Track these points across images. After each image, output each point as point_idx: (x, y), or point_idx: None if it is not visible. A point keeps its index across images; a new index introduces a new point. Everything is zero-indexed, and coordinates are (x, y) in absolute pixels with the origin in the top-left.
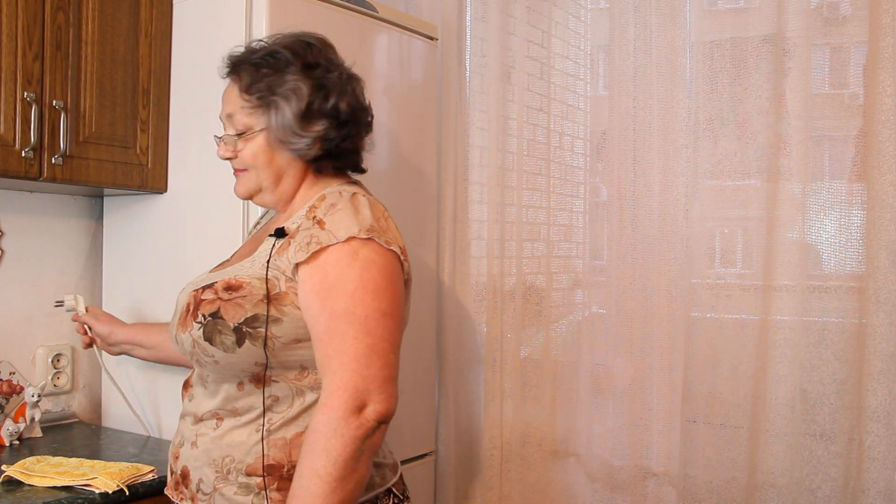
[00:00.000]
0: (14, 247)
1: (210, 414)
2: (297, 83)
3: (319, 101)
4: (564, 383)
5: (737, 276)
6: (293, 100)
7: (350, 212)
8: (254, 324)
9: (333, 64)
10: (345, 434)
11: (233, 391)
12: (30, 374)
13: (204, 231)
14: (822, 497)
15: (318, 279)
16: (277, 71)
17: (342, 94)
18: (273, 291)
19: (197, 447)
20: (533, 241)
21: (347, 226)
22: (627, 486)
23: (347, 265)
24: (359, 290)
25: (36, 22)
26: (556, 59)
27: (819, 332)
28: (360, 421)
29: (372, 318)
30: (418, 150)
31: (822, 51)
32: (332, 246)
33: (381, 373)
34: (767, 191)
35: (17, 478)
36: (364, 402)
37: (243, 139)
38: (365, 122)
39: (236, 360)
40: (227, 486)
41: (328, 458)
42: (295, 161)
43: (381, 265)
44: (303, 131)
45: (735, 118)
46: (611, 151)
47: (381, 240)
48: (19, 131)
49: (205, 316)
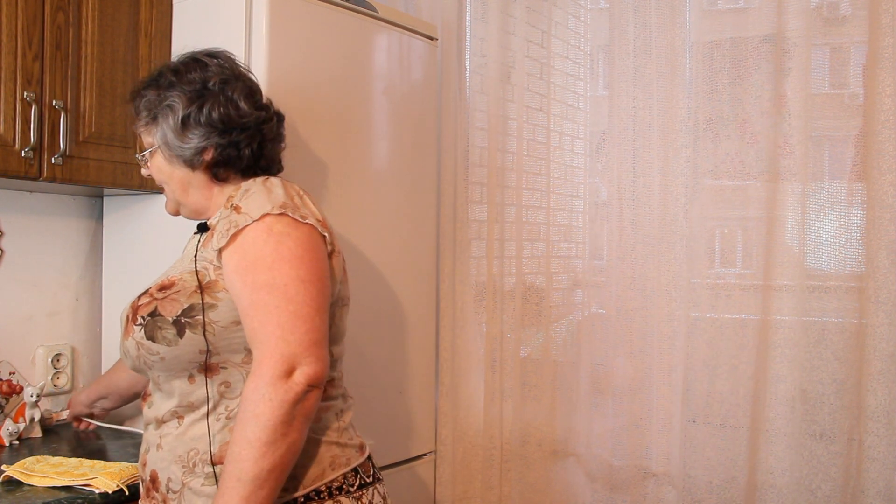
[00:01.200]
0: (14, 247)
1: (170, 414)
2: (172, 99)
3: (195, 112)
4: (564, 383)
5: (737, 276)
6: (169, 115)
7: (262, 192)
8: (191, 313)
9: (212, 74)
10: (273, 398)
11: (185, 386)
12: (29, 374)
13: None
14: (822, 497)
15: (237, 258)
16: (159, 90)
17: (215, 103)
18: (204, 281)
19: (162, 448)
20: (533, 241)
21: (261, 204)
22: (627, 486)
23: (264, 241)
24: (276, 262)
25: (36, 22)
26: (556, 59)
27: (819, 332)
28: (289, 385)
29: (291, 285)
30: (418, 150)
31: (822, 51)
32: (248, 226)
33: (306, 336)
34: (767, 191)
35: (17, 478)
36: (292, 365)
37: (150, 156)
38: (253, 126)
39: (181, 352)
40: (194, 479)
41: (257, 423)
42: (192, 172)
43: (295, 237)
44: (183, 142)
45: (735, 118)
46: (611, 151)
47: (294, 214)
48: (19, 131)
49: (143, 317)
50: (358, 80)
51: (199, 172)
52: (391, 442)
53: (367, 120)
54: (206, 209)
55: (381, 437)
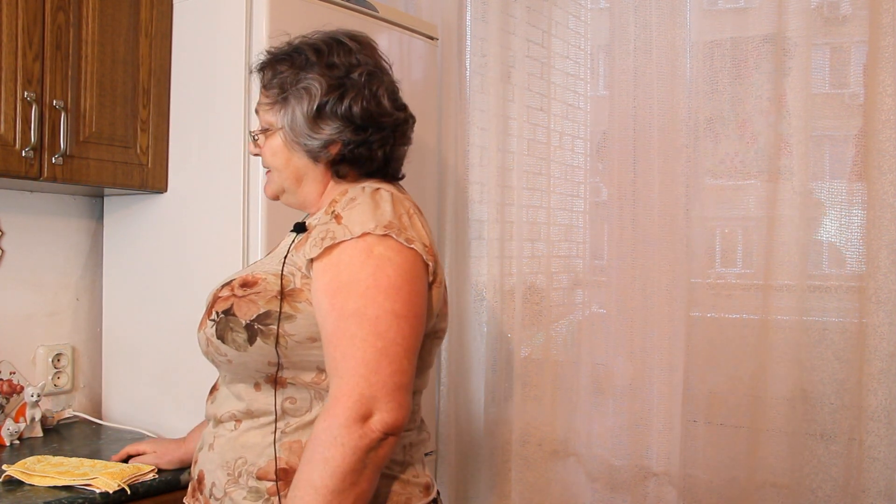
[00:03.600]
0: (14, 246)
1: (228, 416)
2: (311, 82)
3: (333, 102)
4: (564, 383)
5: (737, 276)
6: (305, 99)
7: (369, 206)
8: (266, 321)
9: (358, 64)
10: (346, 444)
11: (249, 392)
12: (30, 374)
13: (204, 231)
14: (823, 497)
15: (329, 276)
16: (296, 68)
17: (358, 96)
18: (287, 287)
19: (213, 449)
20: (533, 240)
21: (363, 221)
22: (627, 486)
23: (361, 263)
24: (371, 290)
25: (36, 22)
26: (557, 58)
27: (819, 331)
28: (364, 431)
29: (384, 319)
30: (418, 150)
31: (823, 50)
32: (346, 242)
33: (390, 379)
34: (767, 190)
35: (18, 477)
36: (370, 410)
37: (264, 136)
38: (390, 127)
39: (249, 359)
40: (237, 491)
41: (326, 468)
42: (312, 164)
43: (397, 263)
44: (313, 132)
45: (735, 118)
46: (611, 151)
47: (399, 237)
48: (19, 131)
49: (218, 313)
50: None
51: (320, 165)
52: None
53: None
54: (314, 204)
55: None
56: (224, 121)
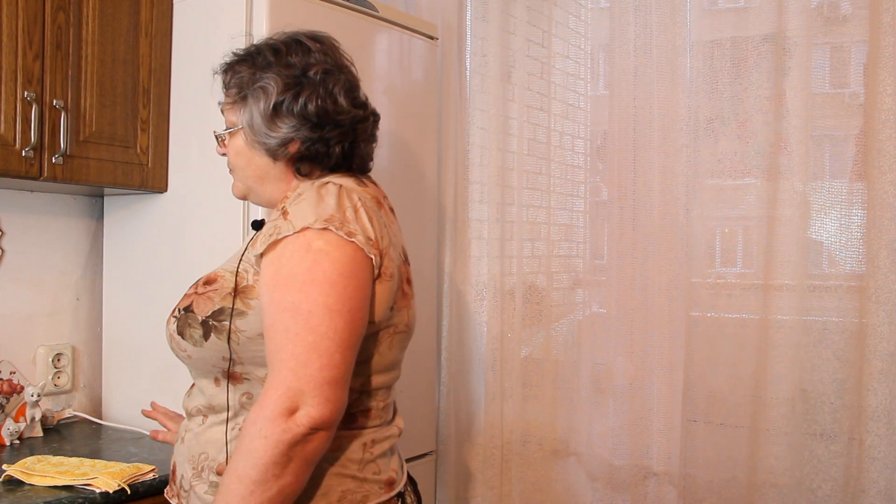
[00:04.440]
0: (14, 246)
1: (196, 410)
2: (267, 81)
3: (289, 101)
4: (565, 383)
5: (737, 276)
6: (261, 98)
7: (312, 201)
8: (219, 317)
9: (315, 62)
10: (268, 436)
11: (210, 387)
12: (30, 374)
13: (204, 230)
14: (823, 496)
15: (272, 270)
16: (254, 69)
17: (312, 95)
18: (241, 284)
19: (184, 443)
20: (533, 240)
21: (305, 215)
22: (628, 486)
23: (300, 258)
24: (306, 284)
25: (36, 21)
26: (557, 58)
27: (819, 331)
28: (288, 425)
29: (316, 314)
30: (418, 150)
31: (823, 50)
32: (288, 237)
33: (319, 374)
34: (768, 190)
35: (18, 477)
36: (296, 404)
37: (228, 135)
38: (348, 124)
39: (206, 355)
40: (200, 484)
41: (249, 459)
42: (273, 162)
43: (334, 258)
44: (270, 131)
45: (735, 117)
46: (611, 151)
47: (340, 231)
48: (20, 131)
49: (180, 310)
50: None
51: (280, 164)
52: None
53: None
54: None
55: None
56: (224, 121)
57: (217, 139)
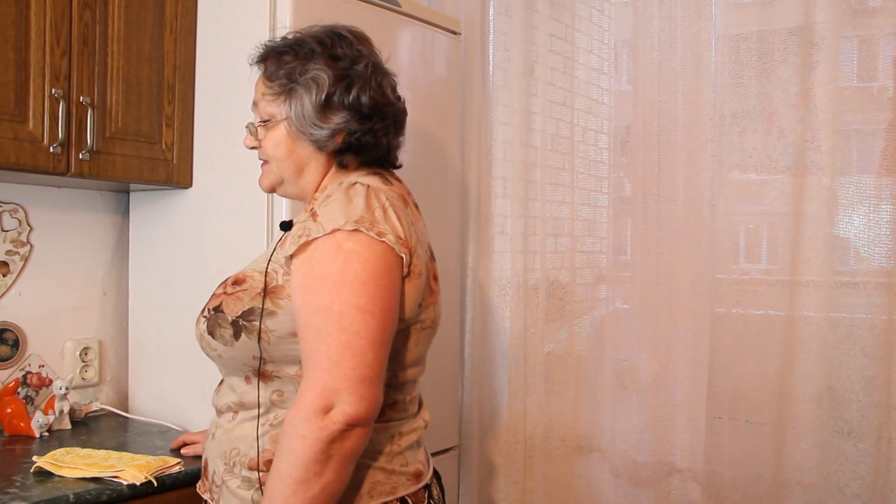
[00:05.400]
0: (43, 241)
1: (226, 406)
2: (318, 73)
3: (340, 93)
4: (588, 378)
5: (762, 272)
6: (313, 89)
7: (341, 202)
8: (249, 317)
9: (361, 56)
10: (306, 436)
11: (241, 385)
12: (58, 367)
13: (228, 225)
14: (850, 495)
15: (303, 272)
16: (301, 60)
17: (365, 87)
18: (271, 284)
19: (214, 439)
20: (556, 235)
21: (334, 217)
22: (651, 482)
23: (331, 259)
24: (337, 285)
25: (63, 19)
26: (580, 53)
27: (847, 328)
28: (324, 423)
29: (348, 314)
30: (442, 146)
31: (851, 43)
32: (319, 238)
33: (352, 372)
34: (794, 185)
35: (48, 469)
36: (331, 402)
37: (265, 128)
38: (392, 116)
39: (236, 354)
40: (232, 479)
41: (289, 459)
42: (316, 153)
43: (365, 258)
44: (321, 122)
45: (761, 112)
46: (635, 146)
47: (370, 231)
48: (47, 127)
49: (210, 310)
50: None
51: (323, 155)
52: None
53: None
54: (312, 194)
55: None
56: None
57: (249, 130)
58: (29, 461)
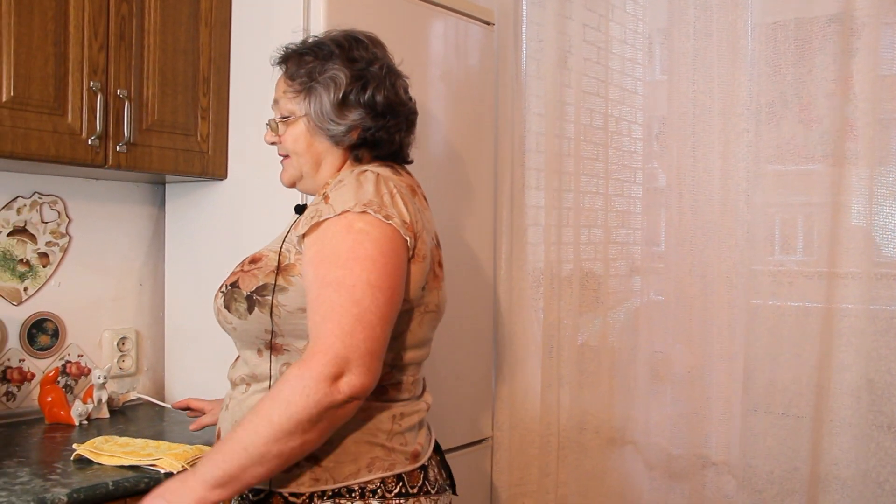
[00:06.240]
0: (81, 232)
1: (240, 379)
2: (336, 72)
3: (357, 91)
4: (622, 370)
5: (799, 263)
6: (331, 87)
7: (352, 186)
8: (262, 292)
9: (376, 58)
10: (310, 395)
11: (254, 358)
12: (97, 357)
13: (262, 217)
14: (890, 490)
15: (315, 249)
16: (320, 60)
17: (379, 87)
18: (284, 263)
19: (228, 410)
20: (590, 227)
21: (345, 199)
22: (686, 475)
23: (342, 237)
24: (349, 261)
25: (101, 13)
26: (614, 42)
27: (887, 320)
28: (331, 390)
29: (359, 288)
30: (475, 136)
31: (892, 29)
32: (329, 219)
33: (363, 344)
34: (832, 176)
35: (88, 456)
36: (342, 370)
37: (285, 124)
38: (404, 115)
39: (249, 327)
40: None
41: (285, 410)
42: (333, 148)
43: (374, 237)
44: (339, 119)
45: (799, 101)
46: (670, 136)
47: (378, 213)
48: (86, 120)
49: (227, 286)
50: (415, 66)
51: (339, 150)
52: (448, 427)
53: (424, 105)
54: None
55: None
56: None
57: (270, 126)
58: (69, 449)
